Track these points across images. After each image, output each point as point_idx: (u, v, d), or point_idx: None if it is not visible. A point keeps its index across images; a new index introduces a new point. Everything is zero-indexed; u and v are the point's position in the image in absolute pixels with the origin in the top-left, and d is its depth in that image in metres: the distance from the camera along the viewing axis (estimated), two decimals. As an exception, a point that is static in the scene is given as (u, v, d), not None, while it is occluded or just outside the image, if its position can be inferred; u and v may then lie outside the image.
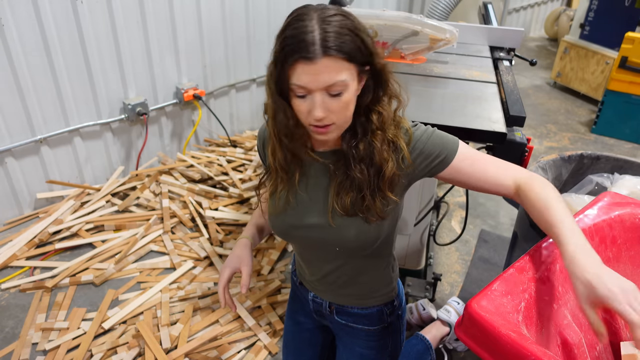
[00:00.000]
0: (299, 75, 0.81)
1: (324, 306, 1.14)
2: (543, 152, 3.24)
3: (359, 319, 1.12)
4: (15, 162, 2.24)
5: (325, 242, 1.01)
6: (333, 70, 0.80)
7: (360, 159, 0.92)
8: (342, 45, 0.79)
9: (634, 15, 3.59)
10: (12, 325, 1.78)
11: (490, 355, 0.71)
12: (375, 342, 1.15)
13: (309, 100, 0.83)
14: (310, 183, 0.99)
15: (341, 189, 0.94)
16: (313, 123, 0.85)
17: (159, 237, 2.23)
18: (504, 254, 2.20)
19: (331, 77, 0.80)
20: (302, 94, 0.83)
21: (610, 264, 0.94)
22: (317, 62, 0.79)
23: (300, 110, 0.85)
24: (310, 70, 0.79)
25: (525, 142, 1.35)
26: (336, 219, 0.96)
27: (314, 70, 0.79)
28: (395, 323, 1.16)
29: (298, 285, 1.20)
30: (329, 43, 0.79)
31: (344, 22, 0.82)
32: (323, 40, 0.78)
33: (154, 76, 2.61)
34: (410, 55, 1.87)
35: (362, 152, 0.91)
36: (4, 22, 1.98)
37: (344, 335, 1.18)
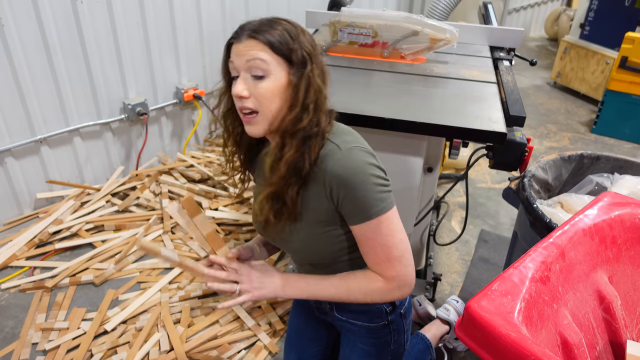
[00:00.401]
0: (231, 54, 0.92)
1: (324, 303, 1.15)
2: (543, 152, 3.25)
3: (359, 315, 1.13)
4: (15, 162, 2.24)
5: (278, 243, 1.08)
6: (253, 49, 0.88)
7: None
8: (267, 34, 0.89)
9: (634, 15, 3.59)
10: (12, 325, 1.78)
11: (490, 355, 0.71)
12: (376, 339, 1.16)
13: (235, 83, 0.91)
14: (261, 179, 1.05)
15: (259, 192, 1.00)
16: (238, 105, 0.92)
17: (159, 237, 2.23)
18: (504, 254, 2.20)
19: (251, 54, 0.88)
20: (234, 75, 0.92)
21: (610, 264, 0.94)
22: (242, 42, 0.90)
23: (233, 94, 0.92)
24: (237, 49, 0.90)
25: (525, 142, 1.35)
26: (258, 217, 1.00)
27: (239, 49, 0.90)
28: (397, 321, 1.16)
29: None
30: (255, 29, 0.90)
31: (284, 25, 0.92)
32: (251, 26, 0.91)
33: (154, 76, 2.61)
34: (410, 55, 1.87)
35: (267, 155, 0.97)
36: (4, 22, 1.98)
37: (346, 331, 1.19)
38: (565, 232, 0.90)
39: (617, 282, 0.95)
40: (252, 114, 0.91)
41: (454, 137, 1.43)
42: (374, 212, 0.90)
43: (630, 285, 0.97)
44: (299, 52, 0.90)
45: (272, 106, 0.90)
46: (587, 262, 0.90)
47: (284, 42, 0.89)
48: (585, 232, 0.91)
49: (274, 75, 0.89)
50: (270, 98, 0.89)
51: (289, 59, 0.90)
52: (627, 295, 0.97)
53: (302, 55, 0.90)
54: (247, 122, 0.92)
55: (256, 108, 0.90)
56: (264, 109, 0.90)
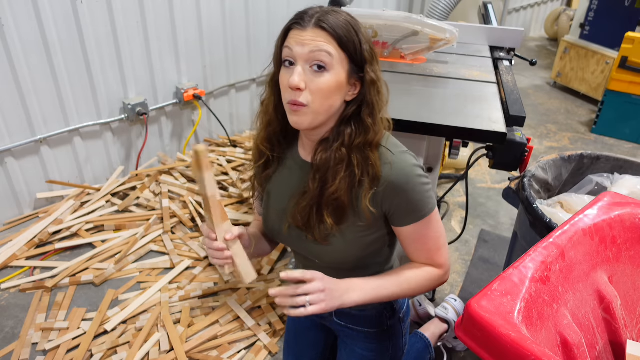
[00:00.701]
0: (289, 40, 0.85)
1: None
2: (543, 152, 3.24)
3: (358, 321, 1.12)
4: (15, 162, 2.24)
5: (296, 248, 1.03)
6: (320, 40, 0.83)
7: (317, 169, 0.91)
8: (335, 24, 0.83)
9: (634, 15, 3.59)
10: (12, 325, 1.78)
11: (490, 355, 0.71)
12: (375, 345, 1.15)
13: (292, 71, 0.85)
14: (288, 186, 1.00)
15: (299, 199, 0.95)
16: (289, 98, 0.85)
17: (159, 237, 2.23)
18: (504, 254, 2.20)
19: (316, 44, 0.82)
20: (291, 62, 0.85)
21: (610, 264, 0.94)
22: (307, 30, 0.83)
23: (282, 82, 0.87)
24: (299, 35, 0.84)
25: (525, 142, 1.35)
26: (290, 228, 0.97)
27: (302, 36, 0.83)
28: (396, 326, 1.15)
29: None
30: (323, 19, 0.84)
31: (346, 17, 0.86)
32: (319, 18, 0.84)
33: (154, 76, 2.61)
34: (410, 55, 1.87)
35: (321, 162, 0.90)
36: (4, 22, 1.98)
37: (344, 336, 1.18)
38: (565, 232, 0.90)
39: (617, 282, 0.95)
40: (302, 106, 0.85)
41: (454, 137, 1.43)
42: (427, 211, 0.93)
43: (630, 285, 0.97)
44: (361, 51, 0.86)
45: (325, 102, 0.85)
46: (587, 262, 0.90)
47: (350, 39, 0.84)
48: (585, 232, 0.91)
49: (335, 71, 0.84)
50: (326, 94, 0.84)
51: (352, 57, 0.86)
52: (627, 295, 0.97)
53: (364, 55, 0.86)
54: (295, 111, 0.86)
55: (307, 102, 0.84)
56: (316, 104, 0.85)
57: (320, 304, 0.86)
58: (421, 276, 0.98)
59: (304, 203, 0.93)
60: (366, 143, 0.89)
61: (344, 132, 0.89)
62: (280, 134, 0.98)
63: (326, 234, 0.94)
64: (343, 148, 0.89)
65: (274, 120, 0.96)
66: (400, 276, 0.97)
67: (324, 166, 0.90)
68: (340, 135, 0.90)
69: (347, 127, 0.90)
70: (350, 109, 0.90)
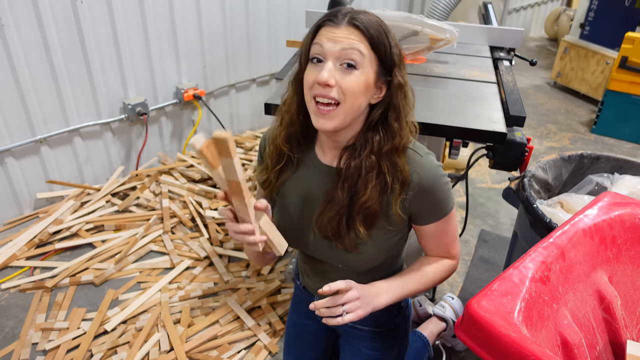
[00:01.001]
0: (320, 37, 0.84)
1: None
2: (543, 152, 3.25)
3: (367, 321, 1.11)
4: (15, 162, 2.24)
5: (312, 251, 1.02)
6: (353, 38, 0.82)
7: (347, 178, 0.90)
8: (368, 24, 0.83)
9: (634, 15, 3.59)
10: (12, 325, 1.78)
11: (490, 355, 0.71)
12: (381, 344, 1.15)
13: (320, 67, 0.83)
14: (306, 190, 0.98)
15: (325, 207, 0.93)
16: (316, 92, 0.83)
17: (159, 237, 2.23)
18: (504, 254, 2.20)
19: (349, 42, 0.81)
20: (319, 60, 0.84)
21: (610, 264, 0.94)
22: (340, 27, 0.83)
23: (307, 79, 0.84)
24: (331, 32, 0.83)
25: (525, 142, 1.35)
26: (315, 238, 0.96)
27: (334, 33, 0.83)
28: (402, 324, 1.15)
29: (302, 289, 1.20)
30: (356, 17, 0.83)
31: (377, 19, 0.86)
32: (352, 17, 0.83)
33: (154, 76, 2.61)
34: (410, 55, 1.87)
35: (350, 171, 0.89)
36: (4, 22, 1.98)
37: (350, 337, 1.18)
38: (565, 232, 0.90)
39: (617, 282, 0.95)
40: (331, 106, 0.83)
41: (454, 137, 1.43)
42: (449, 209, 0.96)
43: (630, 285, 0.97)
44: (391, 54, 0.86)
45: (355, 101, 0.84)
46: (587, 262, 0.90)
47: (381, 40, 0.84)
48: (585, 232, 0.91)
49: (365, 70, 0.83)
50: (356, 92, 0.83)
51: (381, 59, 0.85)
52: (627, 295, 0.97)
53: (393, 58, 0.86)
54: (324, 114, 0.83)
55: (339, 99, 0.82)
56: (347, 102, 0.83)
57: (357, 311, 0.87)
58: (438, 269, 1.01)
59: (331, 213, 0.91)
60: (394, 148, 0.89)
61: (372, 139, 0.88)
62: (300, 134, 0.96)
63: (357, 242, 0.93)
64: (372, 155, 0.88)
65: (295, 121, 0.94)
66: (419, 272, 1.00)
67: (354, 174, 0.89)
68: (368, 141, 0.88)
69: (375, 134, 0.88)
70: (376, 112, 0.89)
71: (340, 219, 0.91)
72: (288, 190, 1.00)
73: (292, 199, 0.99)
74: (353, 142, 0.91)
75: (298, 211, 0.99)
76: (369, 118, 0.89)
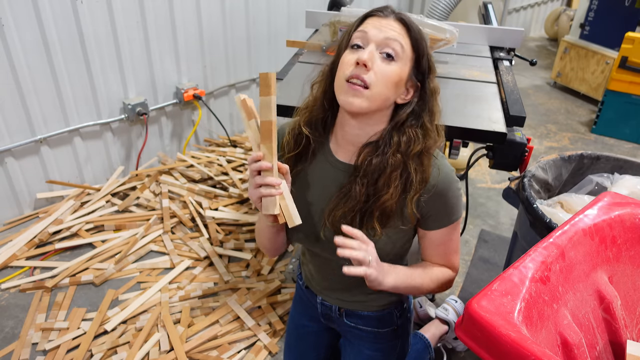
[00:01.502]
0: (366, 25, 0.88)
1: (333, 310, 1.13)
2: (543, 152, 3.25)
3: (369, 321, 1.11)
4: (15, 162, 2.24)
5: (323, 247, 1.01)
6: (397, 31, 0.86)
7: (366, 174, 0.90)
8: (412, 24, 0.88)
9: (634, 15, 3.59)
10: (12, 325, 1.78)
11: (490, 355, 0.71)
12: (384, 345, 1.15)
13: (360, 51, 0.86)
14: (317, 185, 0.98)
15: (339, 202, 0.92)
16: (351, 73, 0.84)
17: (159, 237, 2.23)
18: (504, 254, 2.20)
19: (392, 34, 0.85)
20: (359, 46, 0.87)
21: (610, 264, 0.94)
22: (387, 18, 0.87)
23: (345, 61, 0.86)
24: (379, 22, 0.87)
25: (525, 142, 1.35)
26: (326, 232, 0.95)
27: (381, 22, 0.86)
28: (404, 325, 1.15)
29: (304, 289, 1.20)
30: (403, 17, 0.88)
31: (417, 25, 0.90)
32: (399, 13, 0.89)
33: (154, 76, 2.61)
34: (410, 55, 1.87)
35: (372, 167, 0.89)
36: (4, 22, 1.98)
37: (352, 337, 1.17)
38: (565, 232, 0.90)
39: (617, 282, 0.95)
40: (361, 87, 0.84)
41: (454, 137, 1.43)
42: (457, 216, 0.96)
43: (630, 285, 0.97)
44: (428, 58, 0.90)
45: (384, 90, 0.85)
46: (587, 262, 0.90)
47: (421, 42, 0.88)
48: (585, 232, 0.91)
49: (402, 64, 0.86)
50: (388, 82, 0.84)
51: (417, 60, 0.88)
52: (627, 295, 0.97)
53: (429, 64, 0.90)
54: (354, 90, 0.84)
55: (371, 83, 0.83)
56: (377, 88, 0.84)
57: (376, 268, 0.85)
58: (440, 274, 1.00)
59: (345, 208, 0.91)
60: (425, 149, 0.90)
61: (400, 138, 0.89)
62: (320, 121, 0.96)
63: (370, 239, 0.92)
64: (398, 154, 0.88)
65: (319, 106, 0.95)
66: (425, 269, 0.99)
67: (374, 171, 0.89)
68: (394, 140, 0.89)
69: (402, 134, 0.89)
70: (404, 113, 0.89)
71: (355, 215, 0.91)
72: (300, 184, 1.00)
73: (304, 193, 0.99)
74: (375, 139, 0.91)
75: (310, 206, 0.98)
76: (394, 117, 0.90)
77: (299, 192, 0.99)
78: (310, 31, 2.28)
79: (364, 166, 0.89)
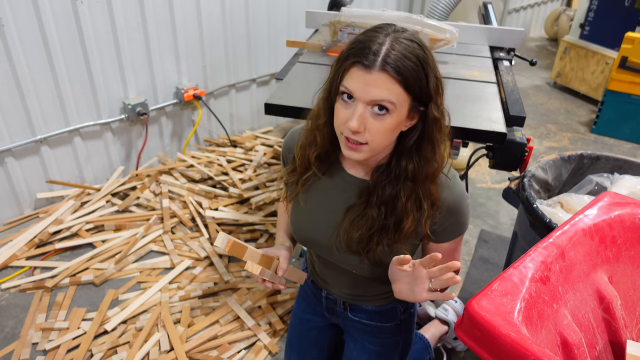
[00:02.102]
0: (351, 78, 0.80)
1: (338, 303, 1.14)
2: (543, 152, 3.25)
3: (373, 316, 1.12)
4: (15, 162, 2.24)
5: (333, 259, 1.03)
6: (384, 88, 0.78)
7: (382, 202, 0.91)
8: (402, 67, 0.78)
9: (634, 15, 3.59)
10: (12, 325, 1.78)
11: (490, 355, 0.71)
12: (387, 340, 1.15)
13: (352, 108, 0.81)
14: (330, 198, 0.99)
15: (353, 223, 0.93)
16: (346, 134, 0.83)
17: (159, 237, 2.23)
18: (504, 254, 2.20)
19: (380, 93, 0.78)
20: (347, 99, 0.81)
21: (610, 263, 0.94)
22: (372, 73, 0.78)
23: (338, 116, 0.84)
24: (363, 78, 0.78)
25: (525, 142, 1.36)
26: (339, 248, 0.97)
27: (366, 80, 0.78)
28: (407, 320, 1.16)
29: (309, 283, 1.20)
30: (390, 60, 0.77)
31: (415, 50, 0.80)
32: (385, 55, 0.78)
33: (154, 76, 2.61)
34: (410, 55, 1.87)
35: (386, 196, 0.90)
36: (4, 22, 1.98)
37: (355, 332, 1.18)
38: (565, 232, 0.90)
39: (617, 282, 0.95)
40: (360, 145, 0.83)
41: (454, 137, 1.42)
42: (465, 229, 0.98)
43: (630, 285, 0.97)
44: (428, 89, 0.82)
45: (383, 141, 0.84)
46: (587, 262, 0.90)
47: (417, 80, 0.80)
48: (585, 232, 0.91)
49: (397, 113, 0.81)
50: (385, 133, 0.82)
51: (415, 97, 0.82)
52: (627, 295, 0.97)
53: (429, 93, 0.83)
54: (352, 149, 0.84)
55: (367, 140, 0.82)
56: (375, 143, 0.83)
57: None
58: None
59: (362, 230, 0.92)
60: (428, 175, 0.89)
61: (407, 167, 0.88)
62: (327, 153, 0.96)
63: (383, 258, 0.94)
64: (409, 182, 0.89)
65: (325, 142, 0.93)
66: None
67: (389, 200, 0.90)
68: (403, 168, 0.88)
69: (409, 162, 0.88)
70: (411, 140, 0.87)
71: (371, 236, 0.92)
72: (314, 196, 1.01)
73: (315, 204, 1.01)
74: (385, 162, 0.91)
75: (322, 218, 1.00)
76: (401, 144, 0.89)
77: (314, 207, 1.01)
78: (310, 31, 2.28)
79: (379, 192, 0.90)
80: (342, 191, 0.97)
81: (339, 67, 0.83)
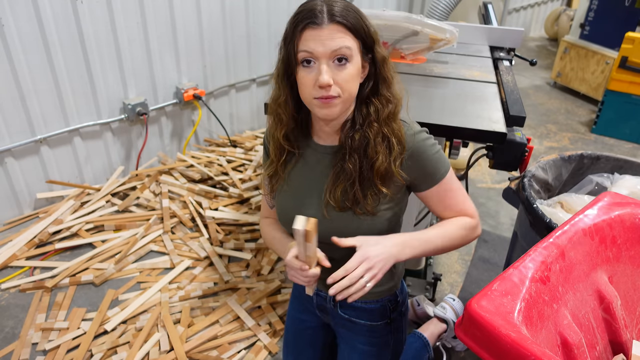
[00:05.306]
0: (306, 41, 0.87)
1: (328, 300, 1.15)
2: (543, 152, 3.24)
3: (362, 313, 1.13)
4: (15, 162, 2.24)
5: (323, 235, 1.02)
6: (338, 36, 0.86)
7: (354, 150, 0.95)
8: (347, 16, 0.87)
9: (634, 15, 3.59)
10: (12, 325, 1.78)
11: (490, 355, 0.71)
12: (377, 339, 1.16)
13: (315, 70, 0.87)
14: (309, 175, 1.02)
15: (335, 181, 0.98)
16: (318, 95, 0.88)
17: (159, 237, 2.23)
18: (504, 254, 2.20)
19: (337, 42, 0.85)
20: (309, 61, 0.87)
21: (610, 264, 0.94)
22: (323, 28, 0.85)
23: (305, 82, 0.89)
24: (317, 35, 0.86)
25: (525, 142, 1.35)
26: (330, 211, 0.99)
27: (320, 35, 0.86)
28: (397, 319, 1.16)
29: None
30: (335, 13, 0.86)
31: (350, 5, 0.90)
32: (330, 11, 0.86)
33: (154, 76, 2.61)
34: (410, 55, 1.87)
35: (357, 142, 0.95)
36: (4, 22, 1.98)
37: (346, 331, 1.18)
38: (565, 232, 0.90)
39: (617, 282, 0.95)
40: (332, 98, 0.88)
41: (454, 137, 1.43)
42: (446, 169, 0.99)
43: (630, 285, 0.97)
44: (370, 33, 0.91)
45: (352, 90, 0.90)
46: (587, 262, 0.90)
47: (360, 26, 0.89)
48: (585, 232, 0.91)
49: (355, 59, 0.88)
50: (352, 82, 0.89)
51: (363, 42, 0.90)
52: (627, 295, 0.97)
53: (372, 37, 0.91)
54: (327, 104, 0.89)
55: (339, 94, 0.88)
56: (346, 93, 0.89)
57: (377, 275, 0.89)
58: (460, 225, 1.01)
59: (341, 185, 0.96)
60: (390, 114, 0.95)
61: (369, 110, 0.94)
62: (296, 129, 1.01)
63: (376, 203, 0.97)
64: (375, 123, 0.94)
65: (291, 118, 0.98)
66: (442, 228, 1.00)
67: (359, 145, 0.94)
68: (367, 113, 0.94)
69: (370, 105, 0.95)
70: (367, 88, 0.95)
71: (352, 186, 0.96)
72: (294, 178, 1.04)
73: (300, 187, 1.03)
74: (350, 117, 0.97)
75: (308, 196, 1.03)
76: (359, 95, 0.95)
77: (296, 188, 1.03)
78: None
79: (349, 143, 0.95)
80: (318, 162, 1.01)
81: (290, 39, 0.89)
